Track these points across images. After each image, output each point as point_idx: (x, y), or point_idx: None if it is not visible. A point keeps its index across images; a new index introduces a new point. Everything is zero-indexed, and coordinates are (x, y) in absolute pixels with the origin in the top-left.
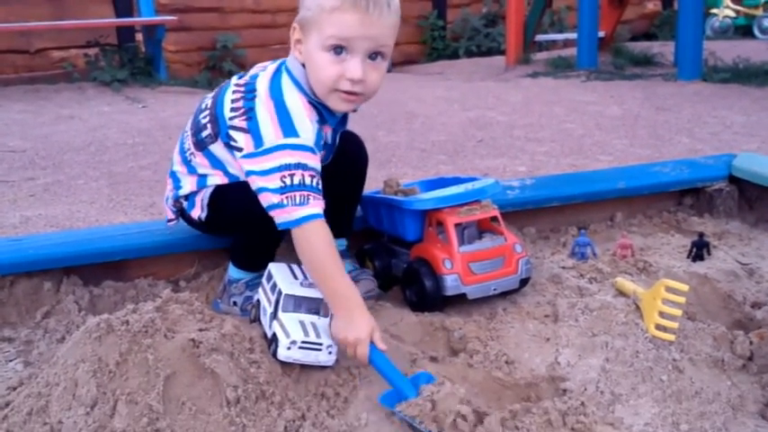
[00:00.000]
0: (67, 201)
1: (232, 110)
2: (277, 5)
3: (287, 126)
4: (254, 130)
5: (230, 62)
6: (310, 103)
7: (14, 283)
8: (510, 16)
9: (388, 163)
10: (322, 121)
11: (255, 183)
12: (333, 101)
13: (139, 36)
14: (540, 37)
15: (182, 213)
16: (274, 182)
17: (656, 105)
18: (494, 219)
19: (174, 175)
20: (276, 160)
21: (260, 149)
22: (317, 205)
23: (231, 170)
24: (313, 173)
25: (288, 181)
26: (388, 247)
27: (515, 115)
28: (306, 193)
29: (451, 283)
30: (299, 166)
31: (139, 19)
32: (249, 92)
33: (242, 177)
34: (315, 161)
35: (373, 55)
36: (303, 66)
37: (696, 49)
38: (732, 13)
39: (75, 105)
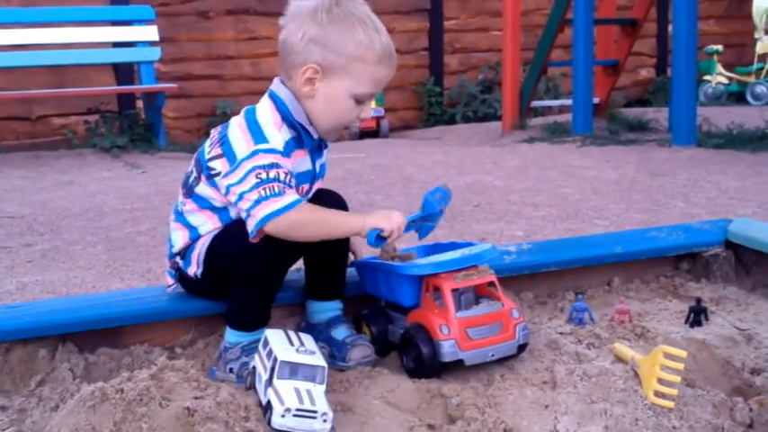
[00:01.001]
0: (65, 267)
1: (210, 146)
2: (275, 72)
3: (256, 135)
4: (228, 152)
5: None
6: (291, 126)
7: (9, 350)
8: (506, 83)
9: None
10: (299, 144)
11: (234, 194)
12: (332, 135)
13: (140, 103)
14: (535, 103)
15: (179, 275)
16: (250, 182)
17: (651, 170)
18: (491, 284)
19: (169, 237)
20: (250, 164)
21: (234, 164)
22: (295, 195)
23: (217, 204)
24: (286, 171)
25: (263, 176)
26: (384, 313)
27: (512, 180)
28: (282, 186)
29: (449, 349)
30: (272, 165)
31: (140, 86)
32: (224, 127)
33: (230, 209)
34: (287, 163)
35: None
36: (296, 97)
37: (690, 114)
38: (725, 80)
39: (74, 171)
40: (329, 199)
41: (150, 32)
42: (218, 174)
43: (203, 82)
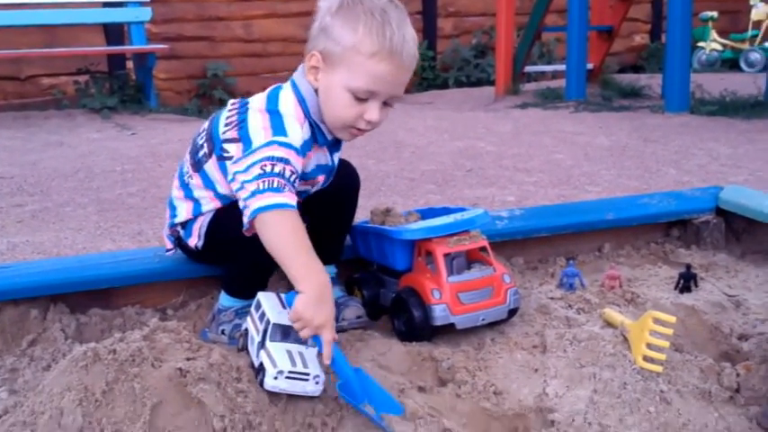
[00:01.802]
0: (55, 228)
1: (226, 125)
2: (268, 35)
3: (277, 127)
4: (244, 137)
5: (221, 90)
6: (308, 121)
7: (1, 310)
8: (499, 47)
9: (377, 192)
10: (314, 140)
11: (237, 182)
12: (342, 133)
13: (130, 64)
14: (529, 68)
15: (178, 242)
16: (254, 172)
17: (643, 137)
18: (483, 249)
19: (171, 203)
20: (261, 154)
21: (248, 151)
22: (291, 198)
23: (220, 190)
24: (294, 170)
25: (267, 169)
26: (377, 277)
27: (504, 145)
28: (283, 182)
29: (440, 313)
30: (282, 159)
31: (130, 47)
32: (242, 106)
33: (231, 197)
34: (298, 162)
35: (389, 101)
36: (316, 91)
37: (683, 81)
38: (719, 47)
39: (64, 132)
40: (344, 173)
41: None
42: (230, 157)
43: (194, 43)
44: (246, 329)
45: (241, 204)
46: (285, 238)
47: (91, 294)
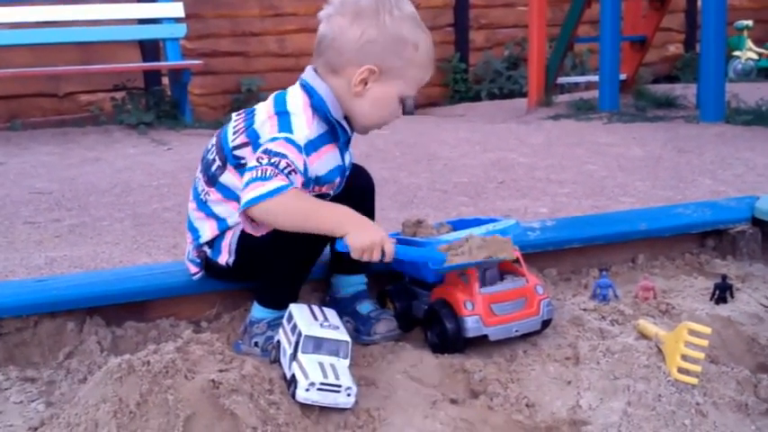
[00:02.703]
0: (92, 242)
1: (234, 133)
2: (301, 49)
3: (283, 124)
4: (254, 140)
5: (254, 105)
6: (325, 120)
7: (38, 323)
8: (532, 59)
9: (409, 204)
10: (331, 138)
11: (243, 178)
12: (369, 131)
13: (166, 80)
14: (561, 79)
15: (206, 262)
16: (252, 163)
17: (678, 147)
18: (515, 260)
19: (191, 225)
20: (263, 147)
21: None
22: (282, 180)
23: None
24: (291, 165)
25: (264, 160)
26: (408, 289)
27: (537, 157)
28: (276, 171)
29: (473, 325)
30: (279, 154)
31: (166, 63)
32: (249, 113)
33: None
34: (297, 159)
35: None
36: (335, 95)
37: (718, 91)
38: (755, 56)
39: (101, 148)
40: (358, 179)
41: (176, 9)
42: (246, 163)
43: (229, 59)
44: (279, 341)
45: (241, 190)
46: (295, 210)
47: (126, 307)
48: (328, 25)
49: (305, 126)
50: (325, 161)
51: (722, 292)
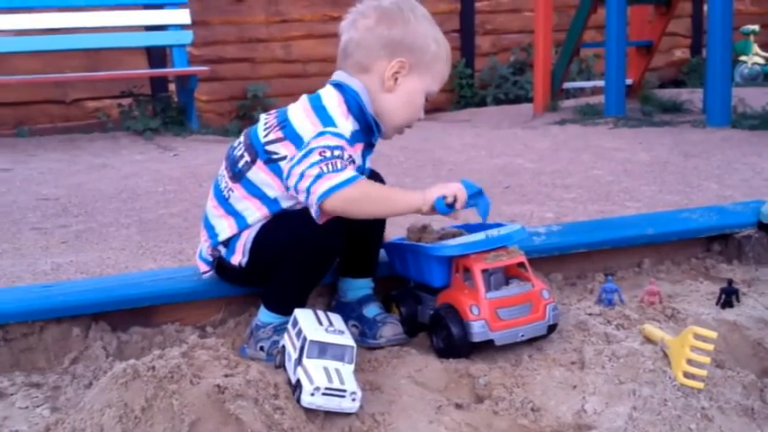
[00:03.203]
0: (99, 248)
1: (265, 130)
2: (307, 55)
3: (324, 118)
4: (291, 135)
5: (261, 111)
6: (358, 118)
7: (44, 329)
8: (538, 64)
9: None
10: (362, 137)
11: (294, 176)
12: (395, 133)
13: (172, 86)
14: (567, 84)
15: (218, 262)
16: (312, 159)
17: (684, 152)
18: (520, 265)
19: (207, 223)
20: (315, 143)
21: (302, 146)
22: (353, 171)
23: (270, 193)
24: (351, 156)
25: (327, 154)
26: (414, 294)
27: (543, 162)
28: (344, 162)
29: (479, 330)
30: (337, 147)
31: (172, 70)
32: (281, 112)
33: (281, 200)
34: (350, 150)
35: None
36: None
37: (725, 95)
38: (761, 60)
39: (108, 154)
40: (371, 178)
41: (182, 16)
42: (282, 158)
43: (235, 65)
44: (284, 346)
45: (303, 196)
46: (375, 198)
47: (132, 313)
48: (353, 29)
49: (344, 120)
50: (357, 158)
51: (728, 297)
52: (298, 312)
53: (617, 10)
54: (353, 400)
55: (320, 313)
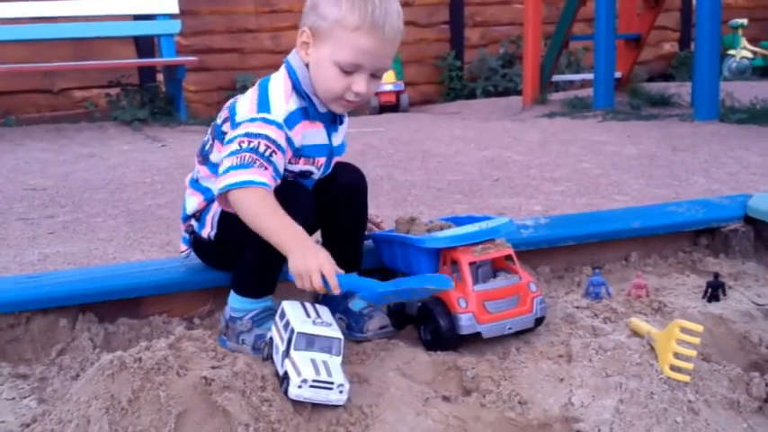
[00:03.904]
0: (86, 238)
1: (222, 110)
2: (295, 45)
3: (262, 103)
4: (232, 115)
5: None
6: (300, 95)
7: (30, 319)
8: (527, 57)
9: (403, 201)
10: (307, 115)
11: (221, 153)
12: (333, 106)
13: (160, 76)
14: (556, 77)
15: (193, 239)
16: (231, 147)
17: (672, 145)
18: (508, 257)
19: (183, 204)
20: (243, 129)
21: (233, 125)
22: (263, 175)
23: None
24: (271, 145)
25: (244, 144)
26: None
27: (531, 155)
28: (255, 157)
29: (466, 322)
30: (259, 135)
31: (160, 60)
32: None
33: None
34: (279, 137)
35: (376, 73)
36: (307, 65)
37: (713, 89)
38: (749, 54)
39: (95, 144)
40: (348, 177)
41: (170, 5)
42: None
43: (224, 55)
44: (271, 338)
45: (219, 173)
46: (255, 211)
47: (119, 304)
48: None
49: (282, 102)
50: (307, 136)
51: (714, 290)
52: (285, 304)
53: (606, 3)
54: (341, 392)
55: (308, 305)
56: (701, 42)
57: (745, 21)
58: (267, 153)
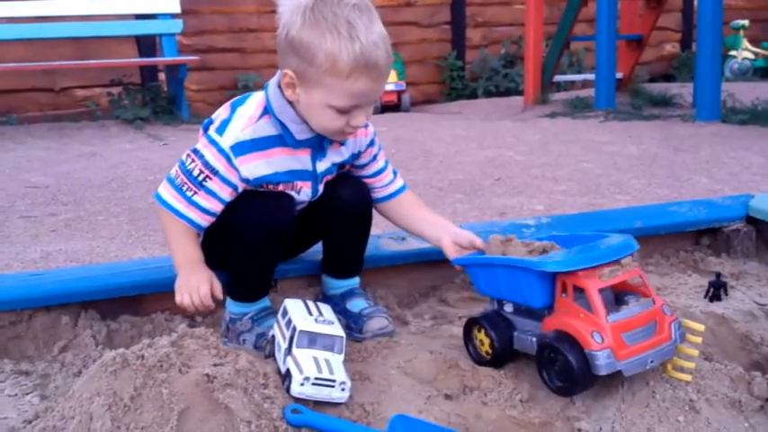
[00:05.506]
0: (88, 236)
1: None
2: None
3: (223, 123)
4: (208, 122)
5: None
6: (274, 121)
7: (33, 317)
8: (528, 57)
9: None
10: (281, 142)
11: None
12: (334, 137)
13: (162, 75)
14: (558, 77)
15: None
16: (183, 157)
17: (673, 146)
18: (636, 277)
19: None
20: (199, 141)
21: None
22: (189, 209)
23: None
24: (205, 170)
25: (187, 162)
26: (505, 317)
27: (533, 155)
28: (186, 181)
29: (605, 361)
30: (201, 156)
31: (162, 59)
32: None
33: None
34: (218, 161)
35: (371, 104)
36: (290, 103)
37: (714, 90)
38: (751, 55)
39: (97, 143)
40: (346, 190)
41: (172, 5)
42: None
43: (225, 55)
44: (273, 336)
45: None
46: (167, 230)
47: (121, 301)
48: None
49: (239, 130)
50: (278, 163)
51: (716, 290)
52: (288, 302)
53: (608, 3)
54: (343, 389)
55: (310, 303)
56: (702, 43)
57: (746, 22)
58: (200, 178)
